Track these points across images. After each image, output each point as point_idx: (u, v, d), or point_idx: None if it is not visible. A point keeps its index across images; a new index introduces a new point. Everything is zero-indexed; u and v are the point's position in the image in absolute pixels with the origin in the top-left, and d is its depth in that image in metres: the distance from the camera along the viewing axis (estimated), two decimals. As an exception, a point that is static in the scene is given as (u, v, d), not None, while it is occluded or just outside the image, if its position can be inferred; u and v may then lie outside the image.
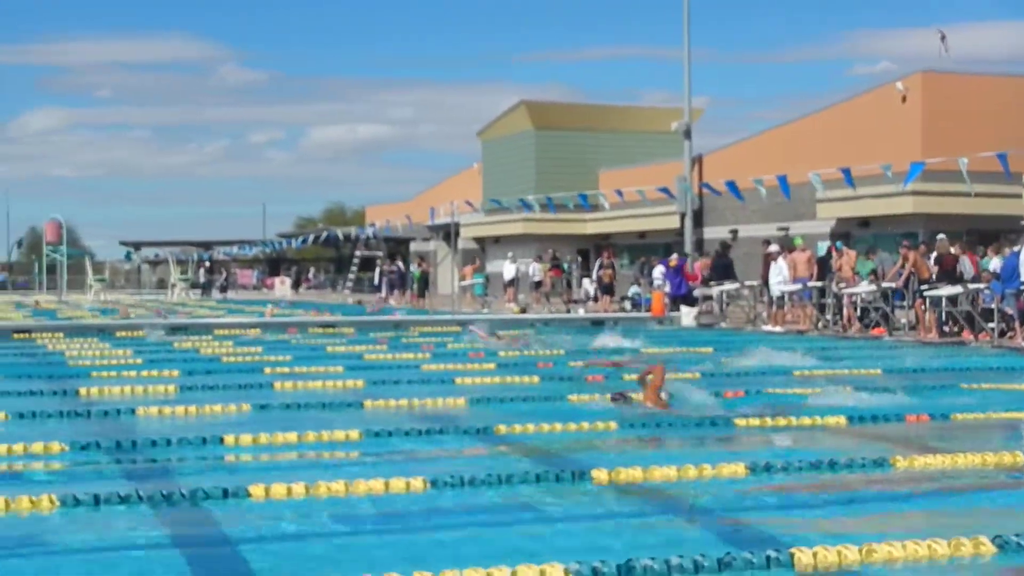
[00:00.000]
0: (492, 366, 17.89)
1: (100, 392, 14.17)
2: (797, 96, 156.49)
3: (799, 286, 27.91)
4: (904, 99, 38.10)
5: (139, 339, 24.13)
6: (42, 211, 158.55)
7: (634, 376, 13.35)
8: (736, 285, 31.89)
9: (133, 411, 12.27)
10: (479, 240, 61.30)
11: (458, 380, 15.30)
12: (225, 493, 7.69)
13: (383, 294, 52.20)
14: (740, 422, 11.32)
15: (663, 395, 12.38)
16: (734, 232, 44.60)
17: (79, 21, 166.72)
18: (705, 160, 47.35)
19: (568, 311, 37.92)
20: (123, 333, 25.40)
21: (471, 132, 68.05)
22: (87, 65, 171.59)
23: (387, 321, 29.76)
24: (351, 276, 65.50)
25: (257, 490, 7.76)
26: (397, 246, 69.43)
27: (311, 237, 60.89)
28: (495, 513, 7.66)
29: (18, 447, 9.62)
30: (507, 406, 12.72)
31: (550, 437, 10.58)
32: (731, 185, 32.81)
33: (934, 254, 25.63)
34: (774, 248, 29.35)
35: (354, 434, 10.39)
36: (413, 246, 67.90)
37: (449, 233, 50.30)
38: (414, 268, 52.18)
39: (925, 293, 24.49)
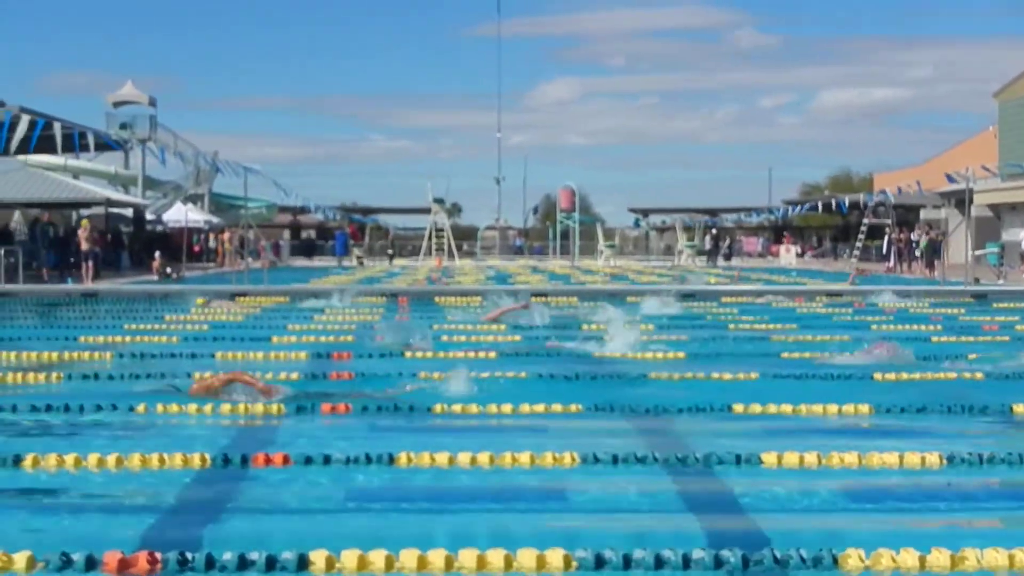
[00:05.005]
0: (1007, 338, 17.13)
1: (612, 356, 14.70)
2: None
3: None
4: None
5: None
6: (556, 179, 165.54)
7: None
8: None
9: (645, 376, 12.66)
10: (994, 207, 58.58)
11: (971, 355, 14.76)
12: (738, 459, 7.84)
13: (891, 263, 50.96)
14: None
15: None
16: None
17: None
18: None
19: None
20: (633, 299, 26.14)
21: (987, 92, 65.01)
22: (601, 35, 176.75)
23: (890, 291, 29.02)
24: (858, 244, 64.33)
25: (770, 457, 7.85)
26: (907, 213, 67.49)
27: (818, 204, 60.27)
28: (1014, 492, 7.40)
29: (539, 407, 10.16)
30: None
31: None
32: None
33: None
34: None
35: (864, 407, 10.27)
36: (923, 213, 65.78)
37: (962, 200, 48.37)
38: (916, 236, 50.55)
39: None
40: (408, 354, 14.41)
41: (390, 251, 65.59)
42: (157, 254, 41.24)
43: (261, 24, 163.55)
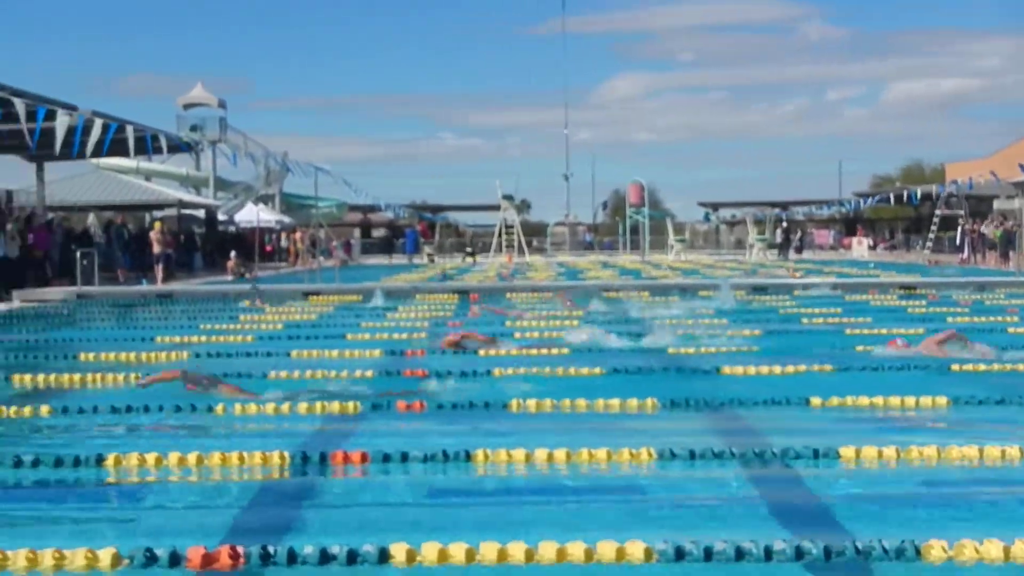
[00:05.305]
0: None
1: (686, 351, 14.65)
2: None
3: None
4: None
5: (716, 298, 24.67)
6: (625, 174, 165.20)
7: None
8: None
9: (718, 369, 12.61)
10: (1069, 196, 57.78)
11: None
12: (815, 453, 7.80)
13: (964, 255, 50.40)
14: None
15: None
16: None
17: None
18: None
19: None
20: (705, 293, 26.05)
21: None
22: (669, 30, 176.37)
23: (970, 283, 28.70)
24: (930, 236, 63.69)
25: (848, 452, 7.81)
26: (979, 204, 66.67)
27: (890, 196, 59.70)
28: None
29: (614, 402, 10.15)
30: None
31: None
32: None
33: None
34: None
35: (941, 399, 10.17)
36: (996, 204, 64.95)
37: (1037, 190, 47.73)
38: (987, 226, 49.93)
39: None
40: (482, 352, 14.45)
41: (469, 248, 65.64)
42: (233, 254, 41.57)
43: (329, 24, 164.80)
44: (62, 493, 7.32)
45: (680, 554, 5.37)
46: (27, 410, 10.10)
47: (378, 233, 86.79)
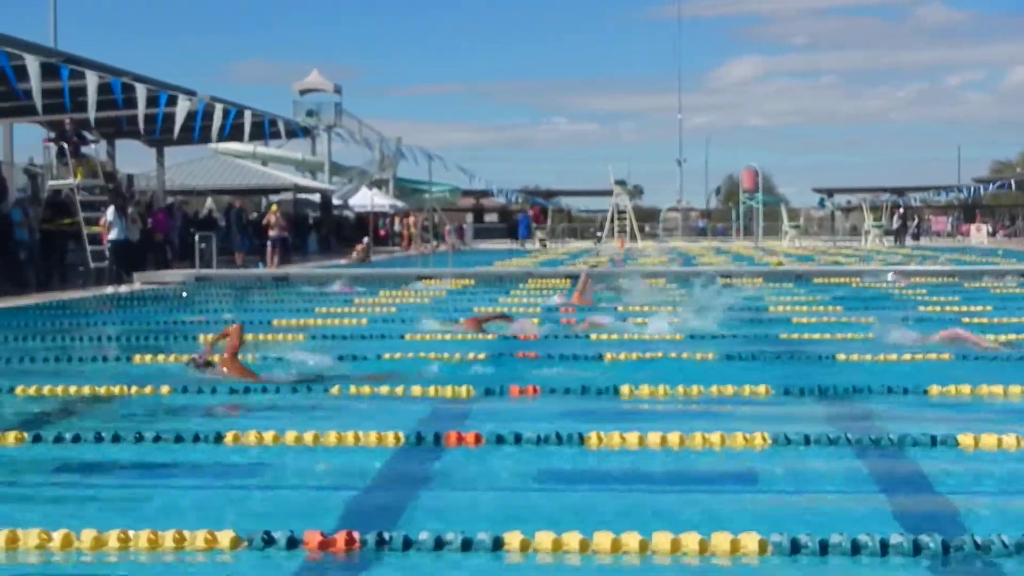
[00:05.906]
0: None
1: (801, 337, 14.50)
2: None
3: None
4: None
5: (835, 285, 24.39)
6: (739, 159, 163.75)
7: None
8: None
9: (833, 357, 12.46)
10: None
11: None
12: (933, 441, 7.68)
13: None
14: None
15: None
16: None
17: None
18: None
19: None
20: (820, 280, 25.77)
21: None
22: (783, 14, 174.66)
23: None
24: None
25: (966, 439, 7.68)
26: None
27: (1010, 182, 58.45)
28: None
29: (728, 389, 10.08)
30: None
31: None
32: None
33: None
34: None
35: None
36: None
37: None
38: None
39: None
40: (593, 336, 14.43)
41: (599, 233, 65.34)
42: (365, 240, 41.73)
43: (442, 10, 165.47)
44: (182, 471, 7.46)
45: (795, 547, 5.32)
46: (148, 389, 10.31)
47: (490, 218, 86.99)
